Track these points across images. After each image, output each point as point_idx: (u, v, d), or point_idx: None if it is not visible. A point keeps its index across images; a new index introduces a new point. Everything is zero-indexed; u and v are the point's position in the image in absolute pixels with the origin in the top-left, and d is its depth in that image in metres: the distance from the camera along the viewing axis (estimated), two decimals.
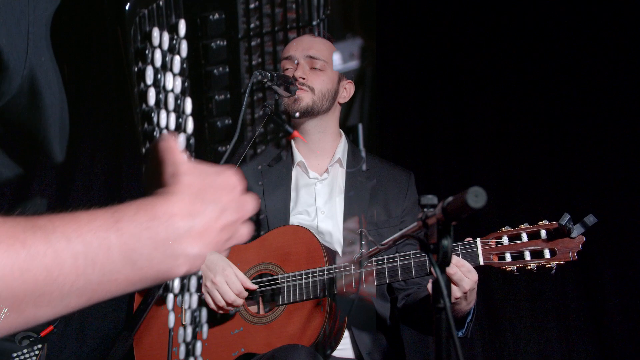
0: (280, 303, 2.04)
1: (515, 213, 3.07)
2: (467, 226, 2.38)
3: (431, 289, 1.04)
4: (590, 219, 1.76)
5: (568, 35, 3.22)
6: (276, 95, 2.04)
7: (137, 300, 2.14)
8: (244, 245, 2.10)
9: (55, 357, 2.91)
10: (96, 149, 3.38)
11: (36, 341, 2.27)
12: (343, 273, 1.98)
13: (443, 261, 0.99)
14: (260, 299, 2.10)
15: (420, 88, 3.44)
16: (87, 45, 3.36)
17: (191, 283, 0.90)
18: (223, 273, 2.01)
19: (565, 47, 3.23)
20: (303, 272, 2.03)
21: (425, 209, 1.03)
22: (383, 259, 1.96)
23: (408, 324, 2.27)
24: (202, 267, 1.89)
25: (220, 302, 2.01)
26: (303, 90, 2.22)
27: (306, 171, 2.32)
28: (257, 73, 1.93)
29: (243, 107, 1.87)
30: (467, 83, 3.37)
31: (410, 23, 3.44)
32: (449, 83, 3.41)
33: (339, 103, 2.37)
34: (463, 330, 1.98)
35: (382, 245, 1.49)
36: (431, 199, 1.03)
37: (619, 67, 3.13)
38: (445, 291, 0.98)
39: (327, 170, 2.32)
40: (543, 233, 1.84)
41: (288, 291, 2.04)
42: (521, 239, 1.86)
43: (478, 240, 1.89)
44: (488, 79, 3.32)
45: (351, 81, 2.41)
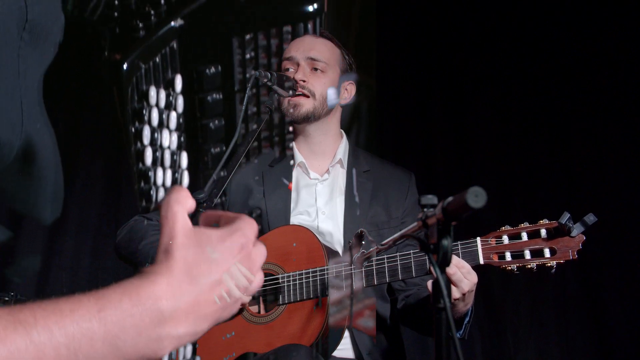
0: (280, 303, 2.04)
1: (515, 212, 3.07)
2: (467, 226, 2.38)
3: (431, 289, 1.05)
4: (590, 218, 1.76)
5: (568, 35, 3.22)
6: (276, 95, 2.04)
7: None
8: None
9: None
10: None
11: None
12: (343, 273, 1.98)
13: (443, 261, 0.99)
14: (260, 299, 2.11)
15: (420, 88, 3.44)
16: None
17: None
18: None
19: (565, 47, 3.23)
20: (303, 272, 2.03)
21: (425, 209, 1.03)
22: (383, 259, 1.96)
23: (408, 325, 2.28)
24: None
25: None
26: (303, 96, 2.22)
27: (307, 172, 2.32)
28: (257, 73, 1.92)
29: (243, 107, 1.87)
30: (467, 83, 3.38)
31: (410, 23, 3.45)
32: (449, 83, 3.41)
33: (340, 104, 2.37)
34: (460, 331, 1.98)
35: (382, 245, 1.49)
36: (431, 199, 1.03)
37: (619, 67, 3.13)
38: (445, 291, 0.98)
39: (328, 170, 2.32)
40: (543, 232, 1.83)
41: (288, 291, 2.04)
42: (521, 238, 1.86)
43: (478, 239, 1.89)
44: (488, 79, 3.32)
45: (352, 82, 2.39)
